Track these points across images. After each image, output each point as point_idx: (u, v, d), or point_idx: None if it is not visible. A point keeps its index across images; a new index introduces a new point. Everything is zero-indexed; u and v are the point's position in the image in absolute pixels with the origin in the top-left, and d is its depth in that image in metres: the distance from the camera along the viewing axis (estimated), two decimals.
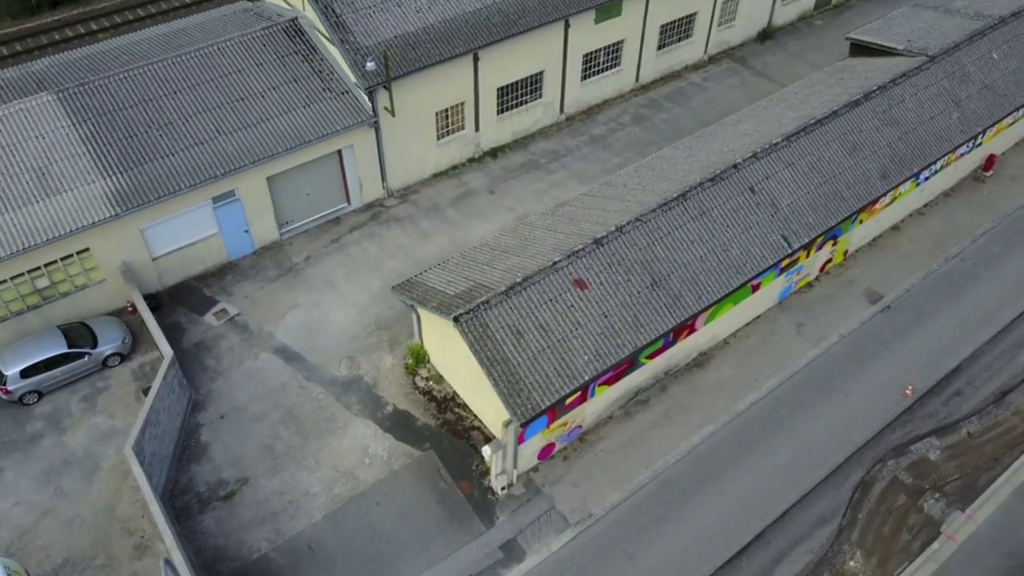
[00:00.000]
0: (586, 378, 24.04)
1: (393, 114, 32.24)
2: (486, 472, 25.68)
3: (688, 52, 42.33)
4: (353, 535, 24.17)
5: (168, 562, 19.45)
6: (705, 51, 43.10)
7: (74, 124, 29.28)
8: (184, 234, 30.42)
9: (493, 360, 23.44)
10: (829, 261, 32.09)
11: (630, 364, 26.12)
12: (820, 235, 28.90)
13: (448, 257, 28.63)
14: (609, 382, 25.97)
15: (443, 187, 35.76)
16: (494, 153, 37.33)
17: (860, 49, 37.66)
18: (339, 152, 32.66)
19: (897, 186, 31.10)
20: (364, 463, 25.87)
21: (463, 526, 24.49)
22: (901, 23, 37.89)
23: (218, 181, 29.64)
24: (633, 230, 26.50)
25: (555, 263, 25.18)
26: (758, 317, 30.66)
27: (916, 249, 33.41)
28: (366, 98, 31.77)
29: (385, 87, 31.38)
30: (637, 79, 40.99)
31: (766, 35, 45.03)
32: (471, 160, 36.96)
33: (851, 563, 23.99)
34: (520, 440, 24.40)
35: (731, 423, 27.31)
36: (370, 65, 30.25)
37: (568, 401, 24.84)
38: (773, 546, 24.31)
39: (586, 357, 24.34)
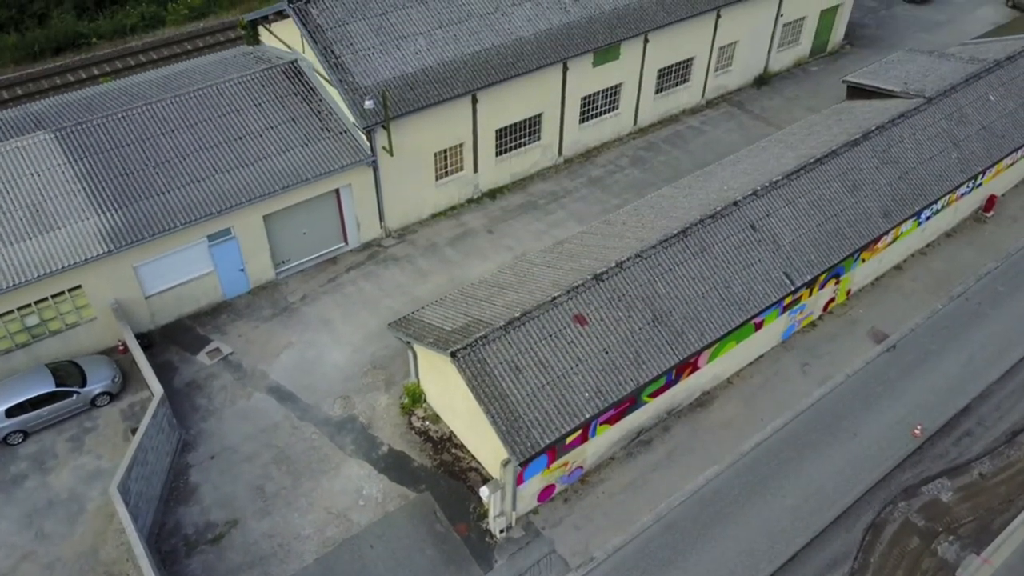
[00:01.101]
0: (587, 416, 23.38)
1: (391, 154, 32.16)
2: (484, 514, 24.83)
3: (686, 96, 42.60)
4: None
5: None
6: (703, 95, 43.38)
7: (70, 162, 29.13)
8: (178, 272, 30.02)
9: (491, 397, 22.83)
10: (832, 300, 31.68)
11: (632, 402, 25.49)
12: (823, 273, 28.53)
13: (446, 294, 28.21)
14: (611, 421, 25.29)
15: (441, 227, 35.53)
16: (493, 194, 37.21)
17: (857, 92, 37.88)
18: (337, 192, 32.49)
19: (899, 225, 30.87)
20: (358, 505, 25.02)
21: (460, 570, 23.54)
22: (897, 67, 38.19)
23: (214, 219, 29.37)
24: (633, 266, 26.13)
25: (554, 298, 24.74)
26: (761, 356, 30.11)
27: (919, 288, 33.04)
28: (364, 138, 31.73)
29: (383, 127, 31.36)
30: (635, 122, 41.14)
31: (762, 80, 45.40)
32: (470, 201, 36.81)
33: None
34: (519, 480, 23.62)
35: (736, 464, 26.54)
36: (368, 104, 30.26)
37: (569, 440, 24.14)
38: None
39: (587, 394, 23.73)
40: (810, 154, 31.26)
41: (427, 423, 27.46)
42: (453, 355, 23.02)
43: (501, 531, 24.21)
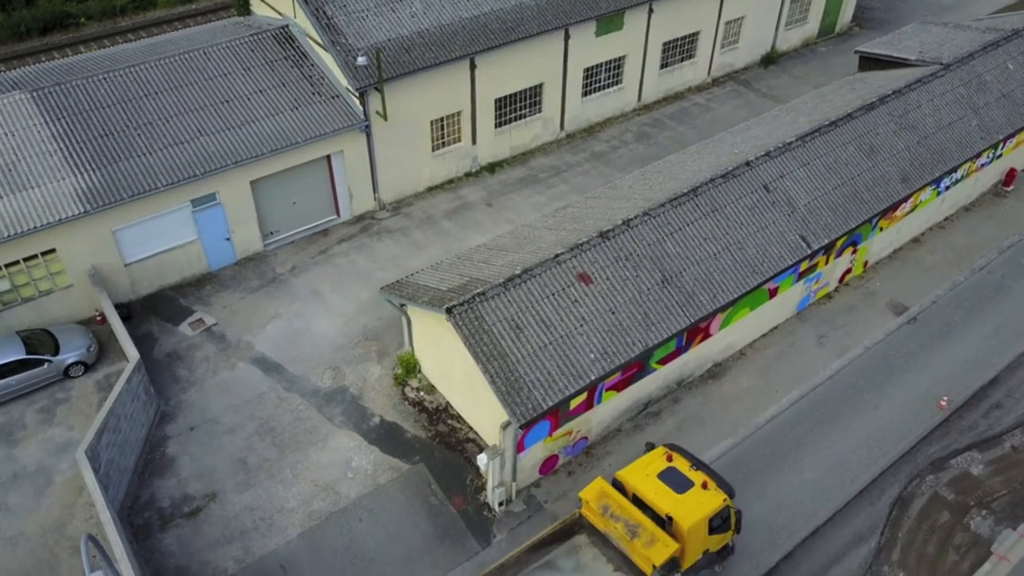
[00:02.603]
0: (592, 377, 21.75)
1: (385, 118, 30.69)
2: (482, 487, 23.13)
3: (691, 73, 41.22)
4: (332, 554, 21.49)
5: (91, 538, 16.40)
6: (708, 73, 42.01)
7: (46, 122, 27.65)
8: (160, 239, 28.45)
9: (489, 356, 21.20)
10: (848, 271, 30.10)
11: (640, 368, 23.85)
12: (840, 237, 26.97)
13: (441, 260, 26.65)
14: (617, 388, 23.65)
15: (438, 200, 34.01)
16: (492, 168, 35.72)
17: (869, 64, 36.48)
18: (328, 159, 30.99)
19: (919, 191, 29.37)
20: (347, 477, 23.33)
21: (456, 545, 21.83)
22: (911, 37, 36.83)
23: (198, 181, 27.85)
24: (641, 224, 24.59)
25: (557, 256, 23.17)
26: (775, 328, 28.49)
27: (939, 262, 31.47)
28: (357, 102, 30.28)
29: (377, 89, 29.91)
30: (639, 98, 39.73)
31: (770, 60, 44.06)
32: (468, 175, 35.31)
33: None
34: (520, 448, 21.94)
35: (751, 437, 24.86)
36: (361, 60, 28.82)
37: (573, 406, 22.49)
38: (804, 567, 21.62)
39: (592, 355, 22.10)
40: (824, 118, 29.79)
41: (422, 394, 25.81)
42: (449, 311, 21.42)
43: (500, 504, 22.50)
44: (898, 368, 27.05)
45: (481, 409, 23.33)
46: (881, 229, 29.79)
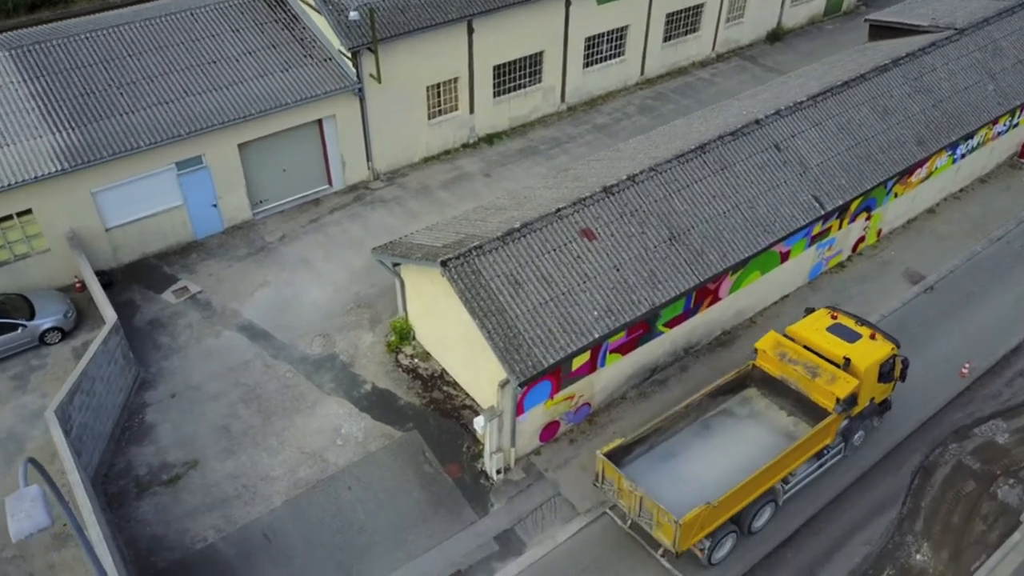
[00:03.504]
0: (596, 335, 20.47)
1: (379, 80, 29.50)
2: (479, 454, 21.82)
3: (695, 47, 40.09)
4: (319, 523, 20.15)
5: (32, 460, 14.80)
6: (713, 48, 40.89)
7: (24, 80, 26.46)
8: (143, 204, 27.21)
9: (487, 311, 19.92)
10: (862, 240, 28.85)
11: (646, 330, 22.58)
12: (855, 199, 25.74)
13: (436, 222, 25.42)
14: (622, 350, 22.36)
15: (434, 171, 32.79)
16: (490, 139, 34.52)
17: (880, 32, 35.32)
18: (320, 124, 29.79)
19: (935, 155, 28.17)
20: (335, 444, 22.02)
21: (451, 514, 20.50)
22: (923, 5, 35.67)
23: (182, 142, 26.63)
24: (647, 180, 23.37)
25: (559, 210, 21.94)
26: (786, 297, 27.23)
27: (955, 231, 30.24)
28: (350, 64, 29.10)
29: (370, 49, 28.72)
30: (642, 72, 38.58)
31: (775, 36, 42.95)
32: (465, 145, 34.11)
33: (918, 557, 19.93)
34: (519, 410, 20.64)
35: None
36: (353, 15, 27.65)
37: (575, 367, 21.20)
38: (826, 535, 20.29)
39: (596, 313, 20.83)
40: (836, 79, 28.59)
41: (416, 361, 24.52)
42: (444, 264, 20.15)
43: (498, 471, 21.19)
44: (916, 336, 25.77)
45: (478, 374, 22.03)
46: (896, 195, 28.56)
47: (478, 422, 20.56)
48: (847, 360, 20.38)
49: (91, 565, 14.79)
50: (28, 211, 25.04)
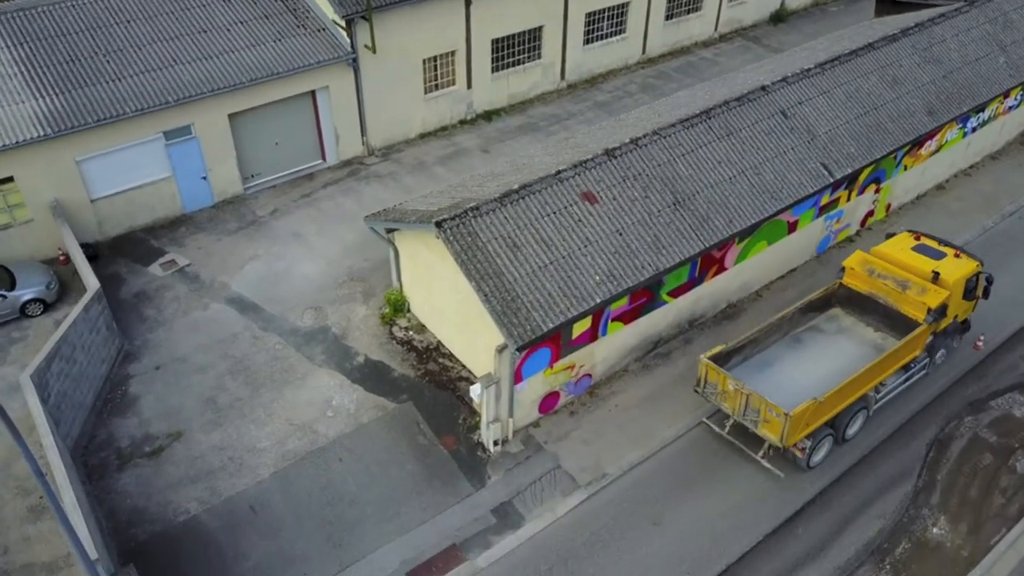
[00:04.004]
0: (597, 300, 19.63)
1: (374, 51, 28.69)
2: (475, 426, 20.95)
3: (698, 27, 39.32)
4: (307, 496, 19.28)
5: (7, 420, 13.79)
6: (716, 28, 40.11)
7: (7, 47, 25.66)
8: (130, 174, 26.37)
9: (484, 274, 19.08)
10: (871, 214, 28.04)
11: (649, 298, 21.73)
12: (865, 167, 24.94)
13: (431, 191, 24.59)
14: (624, 319, 21.52)
15: (430, 147, 31.97)
16: (488, 116, 33.72)
17: (887, 8, 34.57)
18: (313, 96, 28.97)
19: (945, 126, 27.37)
20: (326, 416, 21.16)
21: (446, 486, 19.63)
22: None
23: (170, 110, 25.81)
24: (651, 144, 22.55)
25: (559, 173, 21.11)
26: (794, 271, 26.40)
27: (967, 207, 29.42)
28: (344, 34, 28.29)
29: (364, 17, 27.91)
30: (644, 50, 37.80)
31: (779, 17, 42.20)
32: (462, 122, 33.30)
33: (935, 530, 19.06)
34: (517, 378, 19.79)
35: None
36: None
37: (576, 334, 20.36)
38: (835, 509, 19.42)
39: (597, 277, 19.99)
40: (844, 48, 27.80)
41: (411, 333, 23.67)
42: (439, 225, 19.32)
43: (495, 443, 20.32)
44: None
45: (475, 343, 21.17)
46: (905, 168, 27.76)
47: (474, 390, 19.71)
48: (936, 274, 21.03)
49: (67, 537, 13.93)
50: (10, 179, 24.21)
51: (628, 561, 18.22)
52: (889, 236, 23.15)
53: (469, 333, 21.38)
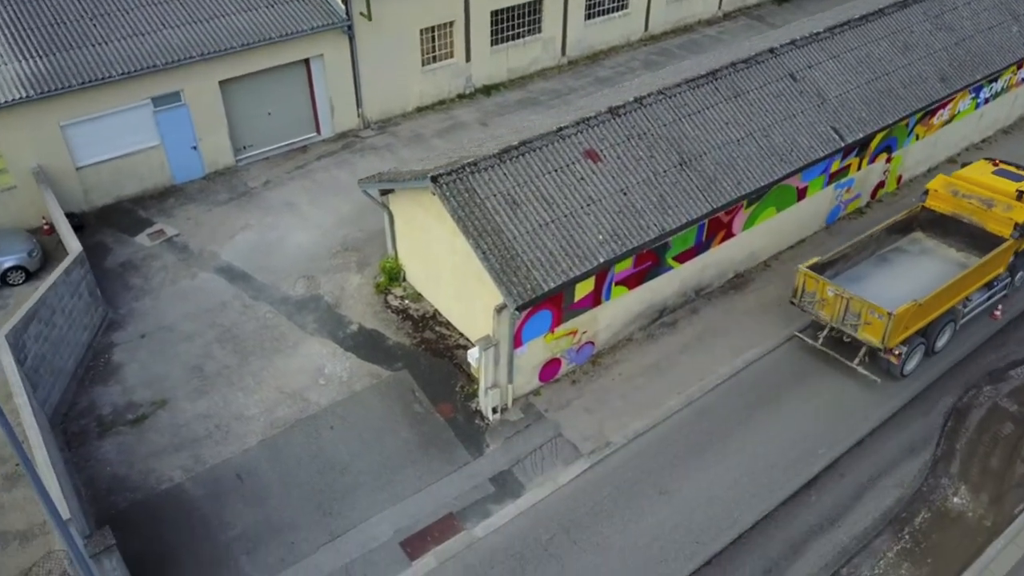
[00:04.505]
0: (601, 260, 18.77)
1: (369, 18, 27.87)
2: (473, 393, 20.06)
3: (701, 5, 38.55)
4: (297, 463, 18.39)
5: None
6: (719, 6, 39.34)
7: None
8: (117, 142, 25.52)
9: (482, 231, 18.21)
10: (882, 186, 27.20)
11: (655, 262, 20.87)
12: (877, 132, 24.10)
13: (428, 155, 23.75)
14: (629, 283, 20.65)
15: (428, 120, 31.13)
16: (487, 90, 32.90)
17: None
18: (307, 65, 28.15)
19: (958, 93, 26.54)
20: (317, 384, 20.27)
21: (442, 455, 18.73)
22: None
23: (159, 75, 24.98)
24: (655, 103, 21.72)
25: (560, 130, 20.27)
26: (803, 241, 25.54)
27: None
28: (339, 1, 27.47)
29: None
30: (646, 27, 37.01)
31: None
32: (461, 96, 32.47)
33: (955, 500, 18.17)
34: (517, 342, 18.90)
35: (781, 347, 21.86)
36: None
37: (578, 297, 19.49)
38: (849, 479, 18.52)
39: (601, 236, 19.13)
40: (854, 14, 26.98)
41: (406, 302, 22.80)
42: (435, 180, 18.46)
43: (494, 411, 19.42)
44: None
45: (473, 309, 20.28)
46: (917, 137, 26.93)
47: (472, 354, 18.83)
48: (1020, 192, 21.95)
49: (42, 503, 13.04)
50: None
51: (634, 531, 17.32)
52: (964, 165, 24.13)
53: (467, 298, 20.51)
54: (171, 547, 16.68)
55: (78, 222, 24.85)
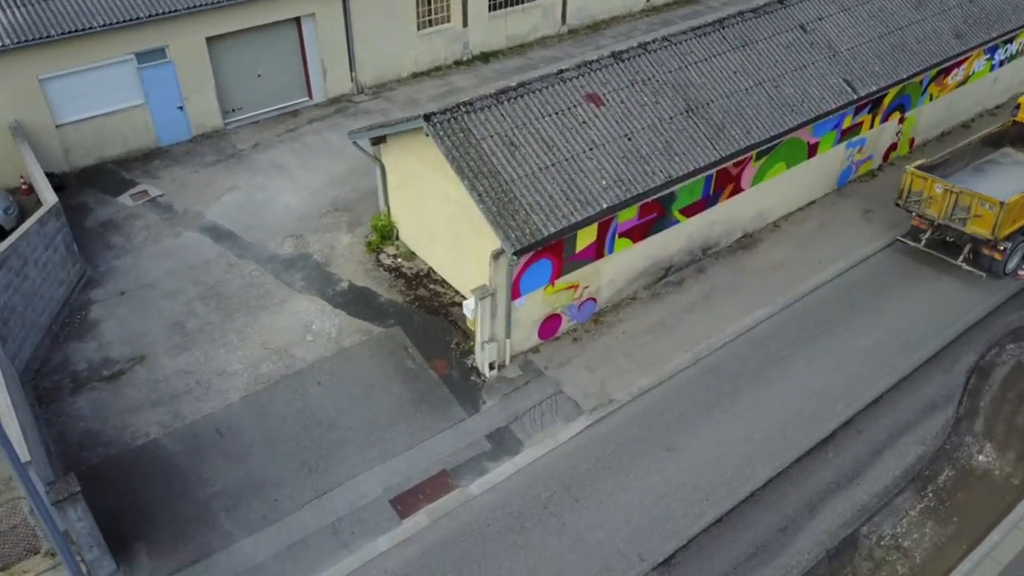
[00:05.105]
0: (604, 205, 17.75)
1: None
2: (469, 350, 19.01)
3: None
4: (281, 419, 17.33)
5: None
6: None
7: None
8: (99, 99, 24.51)
9: (478, 172, 17.20)
10: (894, 148, 26.20)
11: (660, 213, 19.85)
12: (890, 87, 23.12)
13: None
14: (633, 235, 19.63)
15: (424, 86, 30.15)
16: (485, 57, 31.94)
17: None
18: (298, 24, 27.17)
19: (973, 51, 25.56)
20: (305, 340, 19.22)
21: (436, 411, 17.67)
22: None
23: (142, 28, 23.99)
24: (660, 50, 20.74)
25: (561, 72, 19.27)
26: (813, 203, 24.53)
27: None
28: None
29: None
30: None
31: None
32: (458, 63, 31.50)
33: (980, 457, 17.11)
34: (515, 293, 17.86)
35: (792, 306, 20.84)
36: None
37: (580, 247, 18.46)
38: (868, 436, 17.47)
39: (604, 182, 18.12)
40: None
41: (399, 260, 21.78)
42: (427, 119, 17.45)
43: (491, 367, 18.37)
44: None
45: (469, 263, 19.23)
46: (931, 97, 25.94)
47: (467, 305, 17.81)
48: None
49: (7, 458, 12.01)
50: None
51: (639, 488, 16.26)
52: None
53: (462, 252, 19.48)
54: (146, 503, 15.62)
55: (58, 182, 23.82)
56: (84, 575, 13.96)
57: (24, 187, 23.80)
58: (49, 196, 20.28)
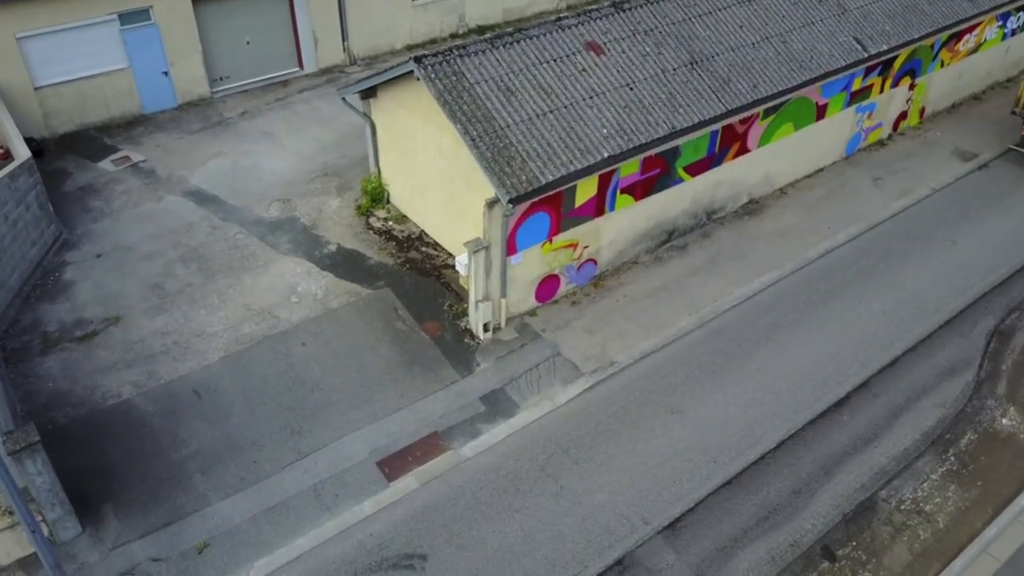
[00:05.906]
0: (605, 155, 16.82)
1: None
2: (462, 312, 18.04)
3: None
4: (262, 380, 16.34)
5: None
6: None
7: None
8: (81, 61, 23.58)
9: (471, 117, 16.26)
10: (904, 117, 25.31)
11: (664, 169, 18.91)
12: (901, 47, 22.24)
13: None
14: (635, 192, 18.69)
15: None
16: (481, 30, 31.02)
17: None
18: None
19: (986, 15, 24.70)
20: (289, 301, 18.25)
21: (428, 373, 16.68)
22: None
23: None
24: (663, 1, 19.82)
25: (560, 19, 18.36)
26: (821, 171, 23.62)
27: (1006, 116, 26.58)
28: None
29: None
30: None
31: None
32: (454, 35, 30.62)
33: (1004, 421, 16.14)
34: (511, 248, 16.90)
35: (800, 271, 19.91)
36: None
37: (579, 202, 17.52)
38: (884, 399, 16.51)
39: (605, 131, 17.19)
40: None
41: (390, 223, 20.83)
42: (418, 61, 16.54)
43: (485, 327, 17.39)
44: (975, 208, 22.20)
45: (464, 222, 18.25)
46: (942, 63, 25.06)
47: (461, 260, 16.85)
48: None
49: None
50: None
51: (643, 451, 15.27)
52: None
53: (455, 210, 18.52)
54: (116, 464, 14.61)
55: (37, 147, 22.79)
56: (46, 536, 12.93)
57: (2, 153, 22.82)
58: (22, 151, 19.31)
